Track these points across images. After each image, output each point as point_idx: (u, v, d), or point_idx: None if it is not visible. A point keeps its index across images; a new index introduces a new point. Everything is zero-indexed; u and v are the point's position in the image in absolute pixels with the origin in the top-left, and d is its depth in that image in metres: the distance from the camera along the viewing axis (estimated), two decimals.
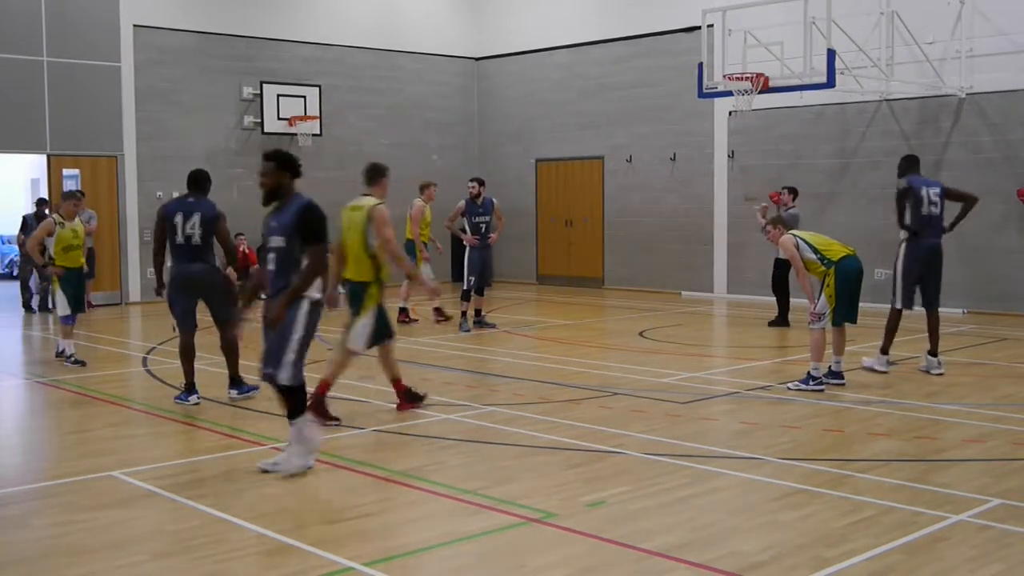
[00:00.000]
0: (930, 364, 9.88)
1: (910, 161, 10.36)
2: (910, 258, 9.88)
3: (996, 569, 4.76)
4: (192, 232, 8.63)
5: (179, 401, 8.75)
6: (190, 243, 8.65)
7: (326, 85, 19.48)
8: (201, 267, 8.74)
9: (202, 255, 8.72)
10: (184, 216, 8.65)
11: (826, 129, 16.60)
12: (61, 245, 10.77)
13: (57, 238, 10.75)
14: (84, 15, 16.91)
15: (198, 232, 8.64)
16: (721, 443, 7.32)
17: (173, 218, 8.67)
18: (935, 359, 9.88)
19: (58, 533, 5.42)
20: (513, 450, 7.06)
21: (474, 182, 13.63)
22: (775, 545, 5.08)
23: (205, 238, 8.68)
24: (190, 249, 8.65)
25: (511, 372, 10.36)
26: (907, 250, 9.90)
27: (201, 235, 8.65)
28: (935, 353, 9.90)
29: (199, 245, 8.67)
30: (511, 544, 5.20)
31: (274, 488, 6.21)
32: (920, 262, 9.87)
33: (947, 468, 6.55)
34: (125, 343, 12.85)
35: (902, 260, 9.92)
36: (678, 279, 18.60)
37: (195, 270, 8.72)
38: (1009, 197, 14.68)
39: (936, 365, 9.85)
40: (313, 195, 6.70)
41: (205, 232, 8.67)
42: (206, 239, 8.69)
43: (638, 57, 19.13)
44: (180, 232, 8.64)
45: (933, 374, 9.78)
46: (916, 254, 9.86)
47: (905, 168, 10.29)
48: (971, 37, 14.79)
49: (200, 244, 8.68)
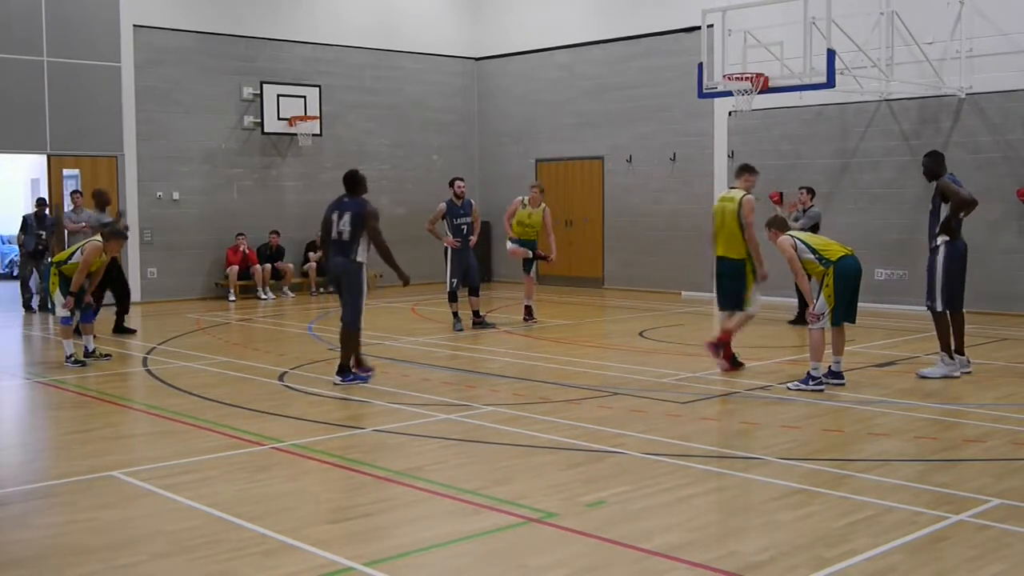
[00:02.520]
0: (960, 363, 9.79)
1: (939, 159, 9.94)
2: (952, 259, 9.65)
3: (996, 569, 4.76)
4: (343, 229, 9.57)
5: (347, 382, 9.59)
6: (340, 239, 9.60)
7: (326, 85, 19.48)
8: (340, 260, 9.66)
9: (345, 250, 9.60)
10: (339, 214, 9.63)
11: (826, 129, 16.60)
12: (92, 269, 10.95)
13: (94, 263, 10.89)
14: (84, 15, 16.92)
15: (347, 229, 9.56)
16: (721, 443, 7.33)
17: (330, 215, 9.73)
18: (964, 357, 9.83)
19: (58, 533, 5.42)
20: (513, 450, 7.07)
21: (462, 180, 13.70)
22: (775, 545, 5.09)
23: (352, 235, 9.57)
24: (339, 244, 9.62)
25: (511, 372, 10.36)
26: (949, 251, 9.65)
27: (349, 232, 9.57)
28: (963, 351, 9.85)
29: (347, 241, 9.58)
30: (511, 544, 5.20)
31: (274, 488, 6.22)
32: (961, 263, 9.72)
33: (947, 468, 6.55)
34: (125, 343, 12.86)
35: (944, 262, 9.64)
36: (678, 279, 18.60)
37: (335, 263, 9.71)
38: (1009, 197, 14.68)
39: (966, 364, 9.81)
40: (313, 195, 6.74)
41: (353, 230, 9.57)
42: (353, 235, 9.57)
43: (638, 57, 19.13)
44: (334, 228, 9.64)
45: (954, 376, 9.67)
46: (958, 254, 9.68)
47: (940, 166, 9.86)
48: (971, 37, 14.79)
49: (348, 240, 9.58)
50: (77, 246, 11.09)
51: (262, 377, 10.13)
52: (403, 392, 9.35)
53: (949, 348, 9.72)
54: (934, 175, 9.83)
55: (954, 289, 9.72)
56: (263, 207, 18.92)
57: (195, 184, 18.29)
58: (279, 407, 8.62)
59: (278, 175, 19.18)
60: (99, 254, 10.85)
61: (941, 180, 9.74)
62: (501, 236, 19.81)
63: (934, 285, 9.69)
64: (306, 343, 12.70)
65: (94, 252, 10.81)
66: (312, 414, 8.31)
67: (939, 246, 9.71)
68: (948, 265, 9.67)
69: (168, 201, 17.97)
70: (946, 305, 9.71)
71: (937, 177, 9.79)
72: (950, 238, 9.66)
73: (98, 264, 10.97)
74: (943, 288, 9.67)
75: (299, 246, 19.17)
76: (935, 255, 9.72)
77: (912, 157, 15.40)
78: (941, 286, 9.66)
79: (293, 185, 19.32)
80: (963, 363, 9.82)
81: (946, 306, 9.71)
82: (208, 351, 12.13)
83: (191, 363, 11.24)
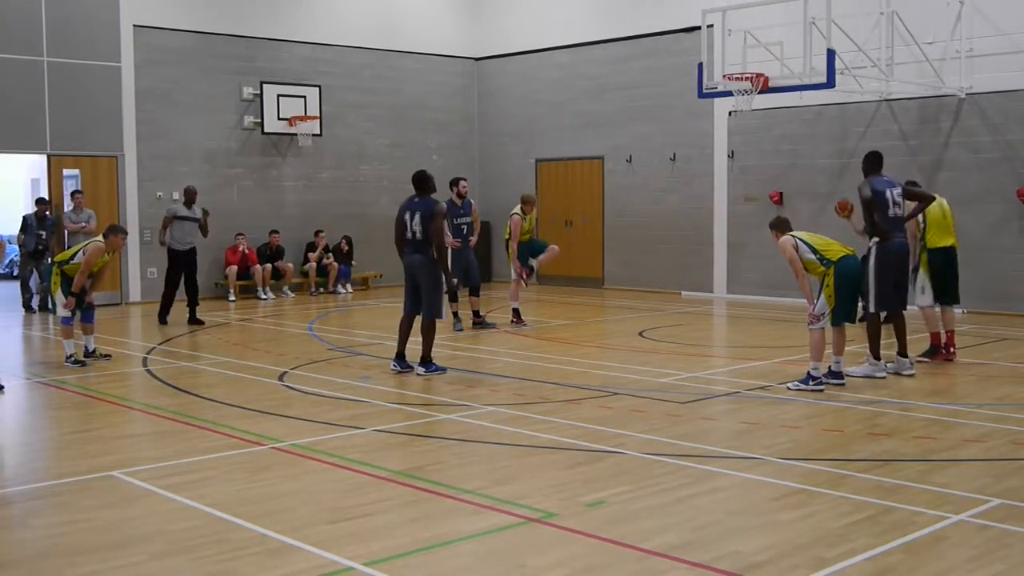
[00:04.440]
0: (901, 365, 9.80)
1: (872, 160, 9.96)
2: (883, 261, 9.67)
3: (996, 569, 4.76)
4: (415, 228, 10.02)
5: (431, 372, 10.08)
6: (415, 238, 10.06)
7: (326, 85, 19.48)
8: (417, 258, 10.10)
9: (420, 248, 10.06)
10: (411, 214, 10.09)
11: (826, 129, 16.61)
12: (94, 269, 10.93)
13: (96, 264, 10.87)
14: (84, 15, 16.92)
15: (419, 228, 9.99)
16: (721, 443, 7.32)
17: (403, 216, 10.15)
18: (906, 360, 9.84)
19: (58, 533, 5.42)
20: (513, 450, 7.07)
21: (465, 181, 13.70)
22: (775, 545, 5.09)
23: (424, 233, 10.00)
24: (413, 242, 10.09)
25: (511, 372, 10.37)
26: (879, 252, 9.68)
27: (421, 231, 10.00)
28: (905, 353, 9.87)
29: (420, 240, 10.03)
30: (511, 544, 5.20)
31: (274, 488, 6.22)
32: (894, 263, 9.71)
33: (947, 468, 6.55)
34: (125, 343, 12.86)
35: (875, 264, 9.67)
36: (678, 279, 18.61)
37: (412, 260, 10.14)
38: (1009, 197, 14.68)
39: (908, 366, 9.81)
40: (313, 195, 6.73)
41: (424, 228, 9.98)
42: (425, 234, 10.00)
43: (638, 57, 19.13)
44: (408, 228, 10.09)
45: (904, 375, 9.72)
46: (889, 256, 9.68)
47: (867, 167, 9.92)
48: (971, 37, 14.79)
49: (421, 239, 10.03)
50: (80, 246, 11.09)
51: (262, 377, 10.13)
52: (403, 392, 9.36)
53: (878, 350, 9.75)
54: (864, 175, 9.91)
55: (885, 290, 9.70)
56: (263, 207, 18.93)
57: (195, 184, 18.23)
58: (279, 407, 8.62)
59: (278, 175, 19.18)
60: (101, 255, 10.84)
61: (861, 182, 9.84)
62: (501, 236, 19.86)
63: (867, 287, 9.69)
64: (306, 343, 12.70)
65: (96, 253, 10.80)
66: (312, 414, 8.30)
67: (871, 248, 9.78)
68: (880, 267, 9.68)
69: (168, 201, 17.91)
70: (880, 306, 9.75)
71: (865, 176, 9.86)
72: (880, 239, 9.69)
73: (100, 264, 10.97)
74: (877, 291, 9.67)
75: (299, 246, 19.17)
76: (867, 257, 9.75)
77: (912, 157, 15.40)
78: (873, 289, 9.67)
79: (293, 185, 19.32)
80: (904, 365, 9.81)
81: (879, 307, 9.76)
82: (208, 351, 12.13)
83: (191, 363, 11.25)
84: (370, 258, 19.66)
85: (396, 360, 10.29)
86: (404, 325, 10.35)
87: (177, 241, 14.53)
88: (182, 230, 14.56)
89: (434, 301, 10.13)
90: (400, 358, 10.27)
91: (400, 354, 10.29)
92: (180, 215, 14.55)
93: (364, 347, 12.15)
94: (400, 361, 10.26)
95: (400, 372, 10.18)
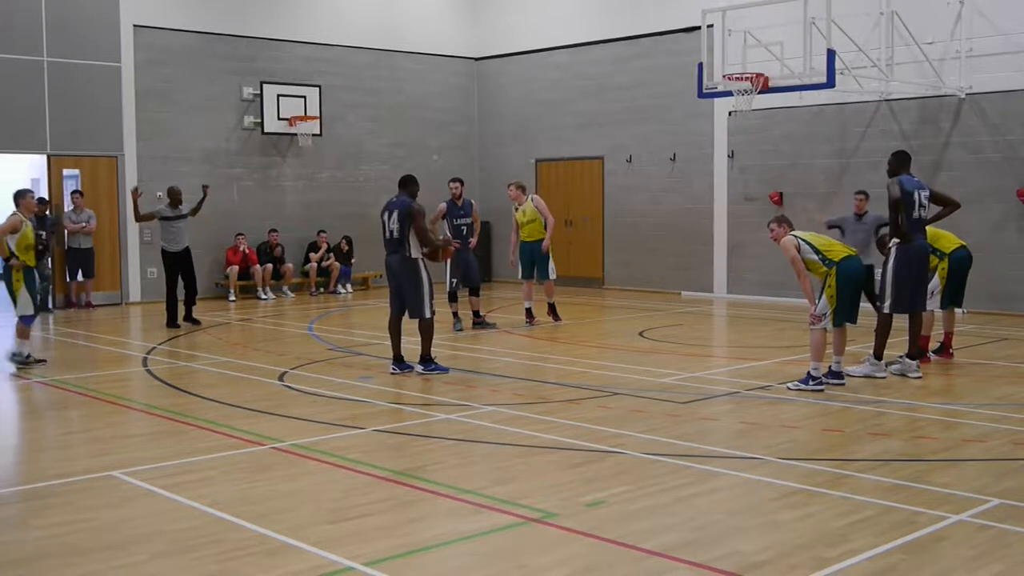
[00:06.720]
0: (907, 367, 9.73)
1: (902, 159, 9.92)
2: (903, 262, 9.65)
3: (996, 569, 4.76)
4: (392, 227, 9.94)
5: (429, 371, 10.09)
6: (392, 237, 9.99)
7: (326, 85, 19.47)
8: (395, 258, 10.05)
9: (398, 247, 9.99)
10: (388, 213, 10.01)
11: (826, 129, 16.60)
12: (24, 243, 10.58)
13: (22, 235, 10.53)
14: (84, 15, 16.91)
15: (396, 227, 9.91)
16: (721, 443, 7.32)
17: (382, 216, 10.10)
18: (913, 362, 9.75)
19: (58, 533, 5.42)
20: (513, 450, 7.07)
21: (456, 182, 13.58)
22: (775, 545, 5.09)
23: (401, 232, 9.90)
24: (391, 242, 10.02)
25: (511, 372, 10.36)
26: (899, 253, 9.66)
27: (398, 229, 9.91)
28: (913, 356, 9.79)
29: (397, 239, 9.95)
30: (511, 544, 5.20)
31: (274, 488, 6.22)
32: (915, 265, 9.68)
33: (947, 468, 6.55)
34: (125, 343, 12.86)
35: (894, 264, 9.66)
36: (678, 279, 18.60)
37: (390, 260, 10.11)
38: (1009, 197, 14.68)
39: (914, 368, 9.72)
40: (313, 195, 6.74)
41: (401, 227, 9.89)
42: (402, 232, 9.90)
43: (638, 57, 19.13)
44: (386, 227, 10.01)
45: (911, 377, 9.65)
46: (910, 257, 9.66)
47: (897, 166, 9.85)
48: (971, 37, 14.79)
49: (398, 237, 9.94)
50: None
51: (262, 377, 10.13)
52: (403, 392, 9.36)
53: (882, 350, 9.75)
54: (891, 173, 9.84)
55: (902, 293, 9.67)
56: (263, 207, 18.92)
57: (195, 184, 18.26)
58: (279, 407, 8.62)
59: (278, 175, 19.18)
60: (19, 222, 10.47)
61: (890, 180, 9.75)
62: (501, 236, 19.88)
63: (883, 287, 9.71)
64: (306, 343, 12.70)
65: (15, 221, 10.49)
66: (312, 414, 8.30)
67: (891, 248, 9.76)
68: (899, 268, 9.66)
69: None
70: (896, 308, 9.72)
71: (894, 175, 9.78)
72: (900, 241, 9.66)
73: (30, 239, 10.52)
74: (895, 291, 9.65)
75: (299, 246, 19.17)
76: (887, 258, 9.77)
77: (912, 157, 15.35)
78: (890, 289, 9.66)
79: (293, 185, 19.32)
80: (910, 367, 9.76)
81: (895, 309, 9.73)
82: (208, 351, 12.13)
83: (191, 363, 11.25)
84: (370, 258, 19.65)
85: (394, 363, 10.25)
86: (393, 327, 10.28)
87: (168, 242, 14.41)
88: (170, 231, 14.30)
89: (416, 300, 10.03)
90: (398, 360, 10.24)
91: (397, 357, 10.24)
92: (165, 216, 14.30)
93: (364, 347, 12.15)
94: (399, 364, 10.23)
95: (399, 374, 10.16)
